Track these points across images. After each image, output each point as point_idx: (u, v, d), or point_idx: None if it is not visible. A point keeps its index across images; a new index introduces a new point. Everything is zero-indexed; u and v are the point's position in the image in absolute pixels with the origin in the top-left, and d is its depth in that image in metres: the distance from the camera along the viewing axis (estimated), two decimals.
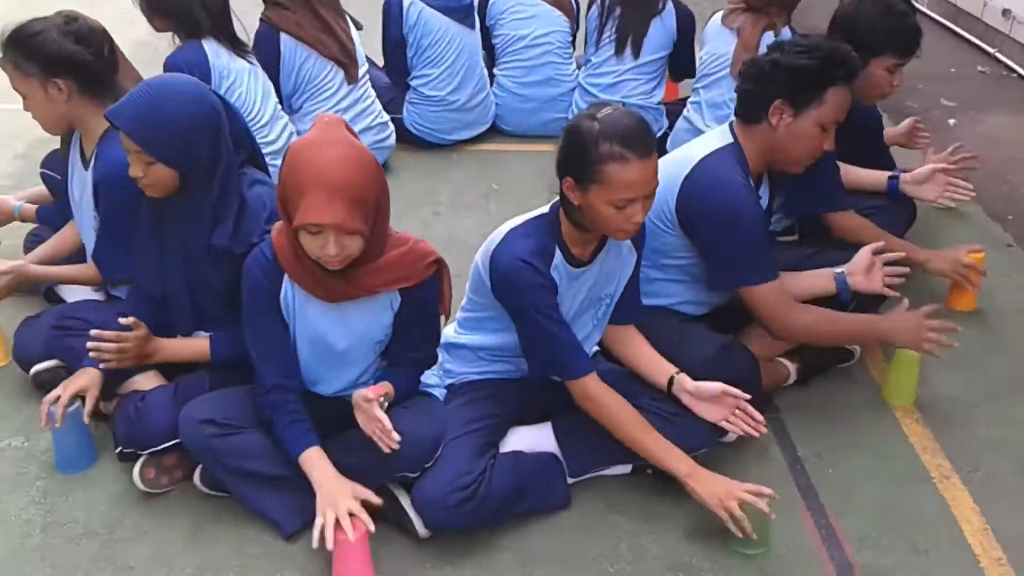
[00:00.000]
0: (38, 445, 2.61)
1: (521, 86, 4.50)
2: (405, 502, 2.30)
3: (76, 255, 2.93)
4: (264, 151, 3.42)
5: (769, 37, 3.90)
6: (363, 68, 4.08)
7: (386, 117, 4.21)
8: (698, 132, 4.04)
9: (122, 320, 2.34)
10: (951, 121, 4.78)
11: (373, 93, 4.16)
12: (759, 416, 2.36)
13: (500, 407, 2.45)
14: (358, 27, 4.15)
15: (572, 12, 4.55)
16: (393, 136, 4.22)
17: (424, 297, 2.28)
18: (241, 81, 3.55)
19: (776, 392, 2.79)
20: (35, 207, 3.23)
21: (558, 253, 2.30)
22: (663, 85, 4.39)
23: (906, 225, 3.34)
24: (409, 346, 2.35)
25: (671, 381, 2.42)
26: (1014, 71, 5.39)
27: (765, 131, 2.56)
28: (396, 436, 2.14)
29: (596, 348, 2.58)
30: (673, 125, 4.31)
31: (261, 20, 3.92)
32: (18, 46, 2.60)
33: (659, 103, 4.35)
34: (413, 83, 4.38)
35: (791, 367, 2.81)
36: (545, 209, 2.37)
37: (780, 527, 2.33)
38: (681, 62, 4.38)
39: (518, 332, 2.35)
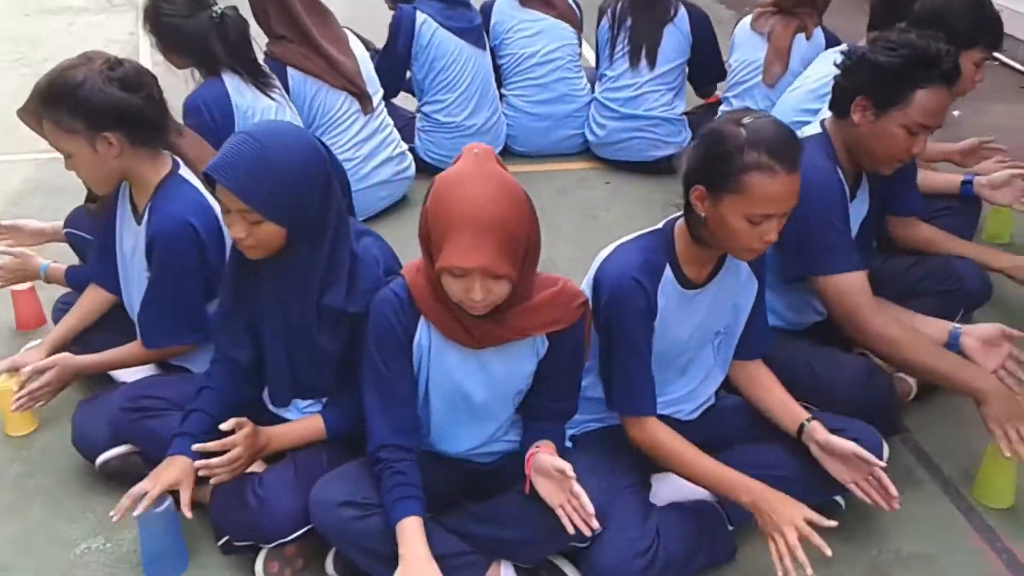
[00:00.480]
0: (122, 546, 2.31)
1: (534, 105, 4.32)
2: (573, 573, 2.09)
3: (112, 321, 2.65)
4: None
5: (801, 40, 3.83)
6: (377, 95, 3.84)
7: (405, 147, 3.97)
8: None
9: (223, 426, 2.06)
10: (955, 112, 4.77)
11: (391, 122, 3.91)
12: (894, 490, 2.10)
13: (638, 456, 2.26)
14: (370, 49, 3.91)
15: (578, 23, 4.38)
16: (413, 167, 3.99)
17: (574, 341, 2.08)
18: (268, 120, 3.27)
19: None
20: (63, 268, 2.90)
21: (668, 271, 2.14)
22: (683, 95, 4.26)
23: (973, 228, 3.26)
24: (554, 397, 2.14)
25: (801, 428, 2.20)
26: (1000, 60, 5.46)
27: (849, 127, 2.43)
28: (596, 524, 1.92)
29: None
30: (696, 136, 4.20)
31: (265, 55, 3.63)
32: (59, 101, 2.30)
33: (681, 114, 4.21)
34: (425, 109, 4.15)
35: (912, 382, 2.69)
36: (660, 225, 2.21)
37: (957, 556, 2.22)
38: (704, 68, 4.25)
39: (600, 349, 2.17)
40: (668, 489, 2.28)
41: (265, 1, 3.56)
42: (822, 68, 3.42)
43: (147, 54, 5.97)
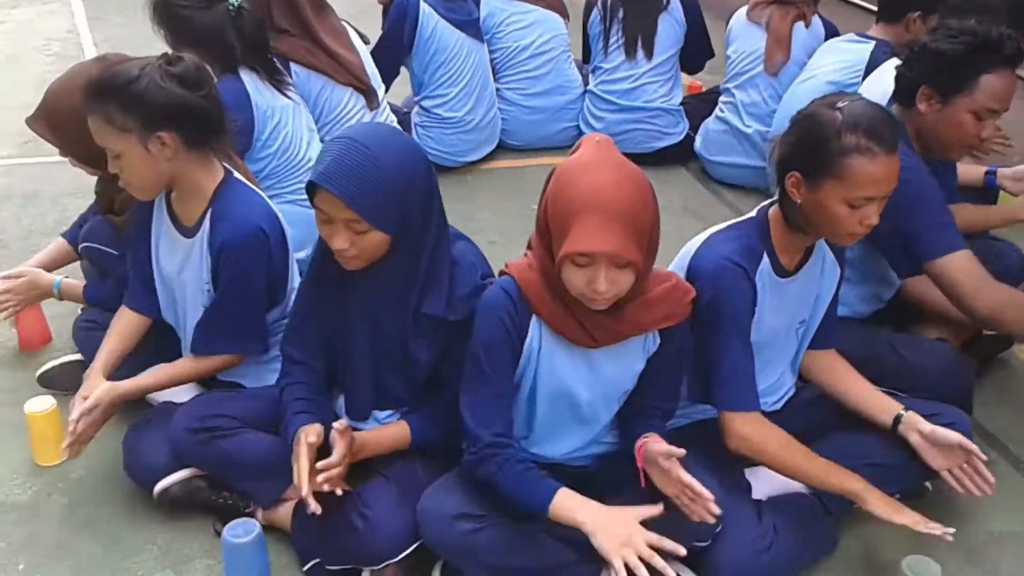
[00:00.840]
0: None
1: (528, 97, 4.25)
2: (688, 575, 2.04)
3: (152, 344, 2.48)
4: None
5: (800, 29, 3.85)
6: (381, 91, 3.70)
7: None
8: (736, 132, 3.96)
9: (337, 425, 1.93)
10: None
11: (395, 119, 3.78)
12: (990, 476, 2.11)
13: (729, 452, 2.22)
14: (365, 41, 3.77)
15: (565, 12, 4.33)
16: None
17: (683, 337, 2.02)
18: (286, 121, 3.11)
19: None
20: (81, 285, 2.69)
21: (765, 258, 2.10)
22: (680, 84, 4.25)
23: None
24: (658, 396, 2.07)
25: (898, 418, 2.18)
26: None
27: (916, 116, 2.42)
28: (716, 509, 1.85)
29: None
30: (695, 127, 4.19)
31: None
32: (112, 96, 2.13)
33: (679, 105, 4.19)
34: (425, 104, 4.04)
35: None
36: (752, 213, 2.17)
37: None
38: (695, 50, 4.24)
39: (697, 344, 2.08)
40: (764, 484, 2.24)
41: None
42: (835, 57, 3.45)
43: (92, 54, 5.70)
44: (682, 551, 1.84)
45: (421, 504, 1.99)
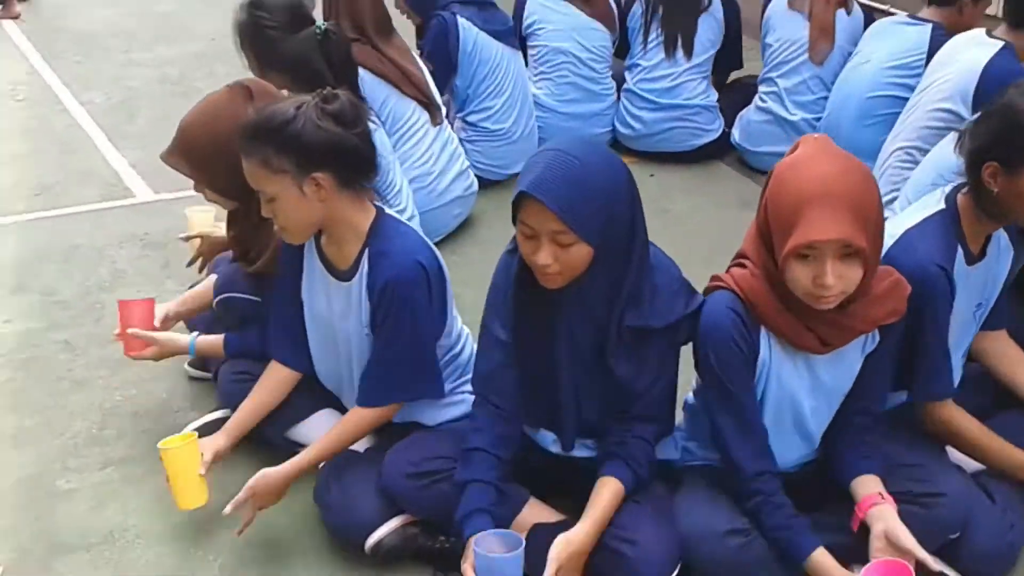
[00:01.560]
0: None
1: (565, 104, 4.23)
2: (939, 566, 2.07)
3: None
4: None
5: (841, 15, 3.94)
6: (443, 109, 3.65)
7: (468, 161, 3.78)
8: (781, 121, 4.03)
9: None
10: None
11: (456, 136, 3.72)
12: None
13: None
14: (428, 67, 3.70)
15: (614, 20, 4.30)
16: (476, 182, 3.80)
17: (900, 333, 2.03)
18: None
19: None
20: (219, 339, 2.54)
21: (959, 250, 2.14)
22: (710, 83, 4.30)
23: None
24: (870, 396, 2.08)
25: None
26: None
27: None
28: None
29: None
30: (728, 121, 4.26)
31: None
32: (269, 138, 2.07)
33: (716, 102, 4.25)
34: (471, 119, 3.98)
35: None
36: (939, 204, 2.18)
37: None
38: (728, 56, 4.32)
39: (909, 346, 2.11)
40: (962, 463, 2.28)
41: (338, 3, 3.36)
42: (891, 40, 3.56)
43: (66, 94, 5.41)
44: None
45: (686, 522, 1.98)
